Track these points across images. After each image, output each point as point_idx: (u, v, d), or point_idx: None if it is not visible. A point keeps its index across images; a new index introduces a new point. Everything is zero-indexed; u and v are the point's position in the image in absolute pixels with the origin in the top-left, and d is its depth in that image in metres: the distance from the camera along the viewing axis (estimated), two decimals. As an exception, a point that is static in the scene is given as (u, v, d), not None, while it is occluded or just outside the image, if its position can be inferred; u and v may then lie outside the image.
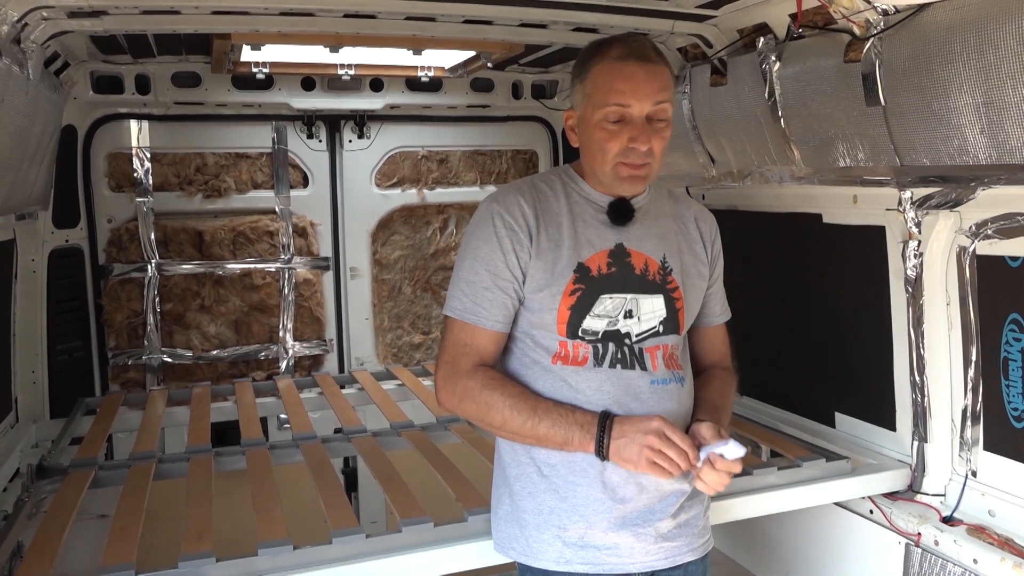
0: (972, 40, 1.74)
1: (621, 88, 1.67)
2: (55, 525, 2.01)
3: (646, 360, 1.75)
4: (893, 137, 2.08)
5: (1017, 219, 2.00)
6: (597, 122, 1.69)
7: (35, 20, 2.21)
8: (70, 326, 3.37)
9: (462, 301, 1.74)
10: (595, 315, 1.73)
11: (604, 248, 1.76)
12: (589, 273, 1.73)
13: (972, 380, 2.20)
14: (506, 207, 1.74)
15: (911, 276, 2.29)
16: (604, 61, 1.69)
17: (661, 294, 1.79)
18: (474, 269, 1.73)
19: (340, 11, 2.44)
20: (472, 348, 1.74)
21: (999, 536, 2.10)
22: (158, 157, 3.54)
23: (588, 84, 1.72)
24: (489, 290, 1.71)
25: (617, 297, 1.75)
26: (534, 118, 4.05)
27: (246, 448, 2.59)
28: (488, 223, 1.73)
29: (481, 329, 1.73)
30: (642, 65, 1.68)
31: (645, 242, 1.80)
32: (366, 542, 1.92)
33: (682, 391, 1.80)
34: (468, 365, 1.73)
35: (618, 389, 1.72)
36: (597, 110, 1.69)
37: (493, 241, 1.72)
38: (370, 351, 3.97)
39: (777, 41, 2.37)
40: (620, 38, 1.74)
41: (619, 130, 1.68)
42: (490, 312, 1.72)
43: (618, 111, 1.67)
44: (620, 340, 1.74)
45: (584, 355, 1.73)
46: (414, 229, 4.06)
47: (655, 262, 1.80)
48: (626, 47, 1.69)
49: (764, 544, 2.83)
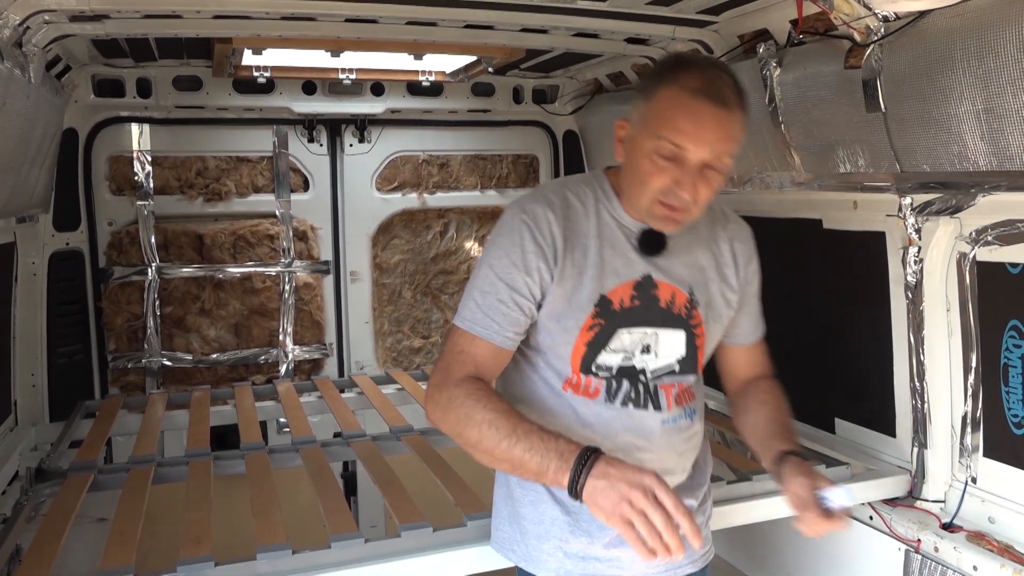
0: (972, 47, 1.73)
1: (683, 127, 1.49)
2: (54, 528, 2.01)
3: (660, 399, 1.68)
4: (893, 143, 2.08)
5: (1017, 226, 2.00)
6: (647, 151, 1.53)
7: (37, 24, 2.21)
8: (70, 329, 3.37)
9: (472, 312, 1.61)
10: (611, 350, 1.64)
11: (630, 279, 1.64)
12: (610, 307, 1.63)
13: (972, 386, 2.20)
14: (535, 221, 1.60)
15: (911, 282, 2.29)
16: (674, 88, 1.51)
17: (683, 329, 1.69)
18: (491, 280, 1.61)
19: (341, 15, 2.44)
20: (470, 357, 1.60)
21: (999, 543, 2.10)
22: (159, 160, 3.55)
23: (650, 106, 1.54)
24: (504, 304, 1.59)
25: (636, 331, 1.65)
26: (535, 123, 4.05)
27: (245, 452, 2.59)
28: (515, 235, 1.60)
29: (485, 342, 1.60)
30: (715, 107, 1.49)
31: (674, 272, 1.68)
32: (365, 547, 1.91)
33: (692, 425, 1.76)
34: (461, 374, 1.59)
35: (628, 428, 1.66)
36: (650, 139, 1.52)
37: (517, 255, 1.59)
38: (370, 355, 3.97)
39: (778, 47, 2.37)
40: (702, 64, 1.56)
41: (667, 168, 1.52)
42: (500, 326, 1.59)
43: (672, 149, 1.51)
44: (635, 377, 1.66)
45: (596, 388, 1.65)
46: (414, 233, 4.06)
47: (683, 295, 1.69)
48: (703, 80, 1.50)
49: (764, 550, 2.83)
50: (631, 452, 1.66)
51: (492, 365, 1.63)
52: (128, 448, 2.80)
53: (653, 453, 1.68)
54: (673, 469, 1.74)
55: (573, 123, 4.06)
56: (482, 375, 1.61)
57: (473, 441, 1.54)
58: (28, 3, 2.08)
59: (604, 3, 2.34)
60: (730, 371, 1.92)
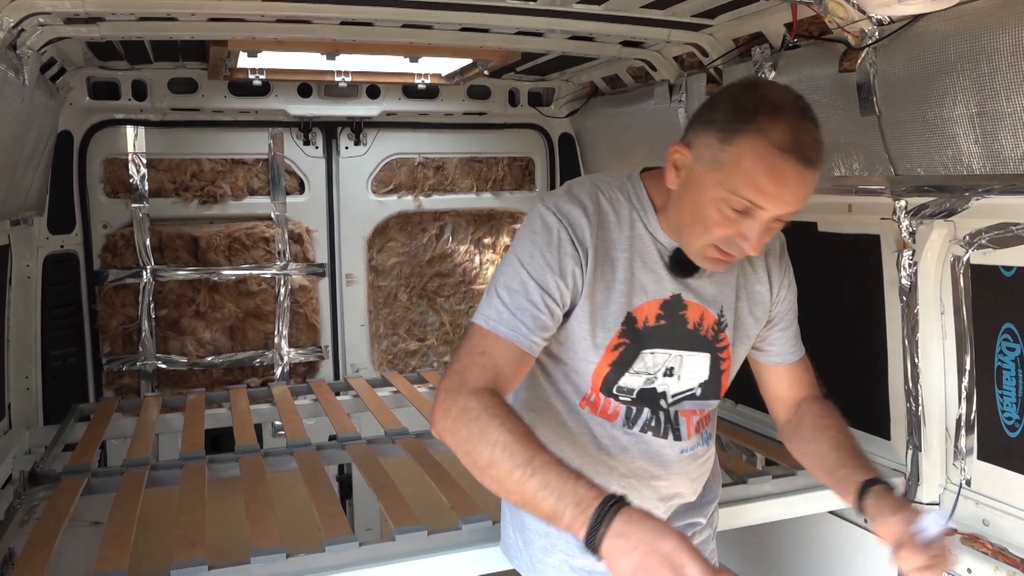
0: (966, 50, 1.74)
1: (766, 189, 1.34)
2: (47, 532, 2.00)
3: (681, 427, 1.61)
4: (888, 146, 2.08)
5: (1011, 229, 2.00)
6: (715, 199, 1.39)
7: (31, 26, 2.20)
8: (64, 332, 3.36)
9: (498, 310, 1.45)
10: (634, 372, 1.55)
11: (659, 297, 1.54)
12: (635, 325, 1.52)
13: (966, 389, 2.20)
14: (571, 221, 1.47)
15: (906, 285, 2.29)
16: (761, 141, 1.33)
17: (708, 353, 1.60)
18: (521, 278, 1.45)
19: (337, 18, 2.44)
20: (491, 361, 1.42)
21: (993, 546, 2.10)
22: (154, 163, 3.54)
23: (727, 152, 1.36)
24: (535, 305, 1.44)
25: (661, 353, 1.56)
26: (531, 125, 4.06)
27: (240, 455, 2.58)
28: (550, 234, 1.46)
29: (510, 344, 1.43)
30: (802, 169, 1.35)
31: (705, 292, 1.58)
32: (359, 550, 1.91)
33: (708, 450, 1.73)
34: (480, 381, 1.40)
35: (644, 454, 1.60)
36: (724, 190, 1.37)
37: (552, 255, 1.45)
38: (365, 358, 3.97)
39: (772, 50, 2.38)
40: (791, 111, 1.36)
41: (737, 220, 1.39)
42: (529, 329, 1.43)
43: (747, 206, 1.37)
44: (655, 402, 1.59)
45: (615, 410, 1.57)
46: (410, 236, 4.07)
47: (711, 315, 1.59)
48: (794, 135, 1.33)
49: (759, 553, 2.83)
50: (646, 479, 1.63)
51: (513, 372, 1.45)
52: (122, 451, 2.79)
53: (668, 480, 1.65)
54: (684, 493, 1.71)
55: (569, 126, 4.06)
56: (501, 385, 1.43)
57: (483, 463, 1.34)
58: (22, 5, 2.08)
59: (599, 6, 2.35)
60: (775, 394, 1.79)
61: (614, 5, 2.33)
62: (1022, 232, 1.97)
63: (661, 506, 1.69)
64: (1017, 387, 2.06)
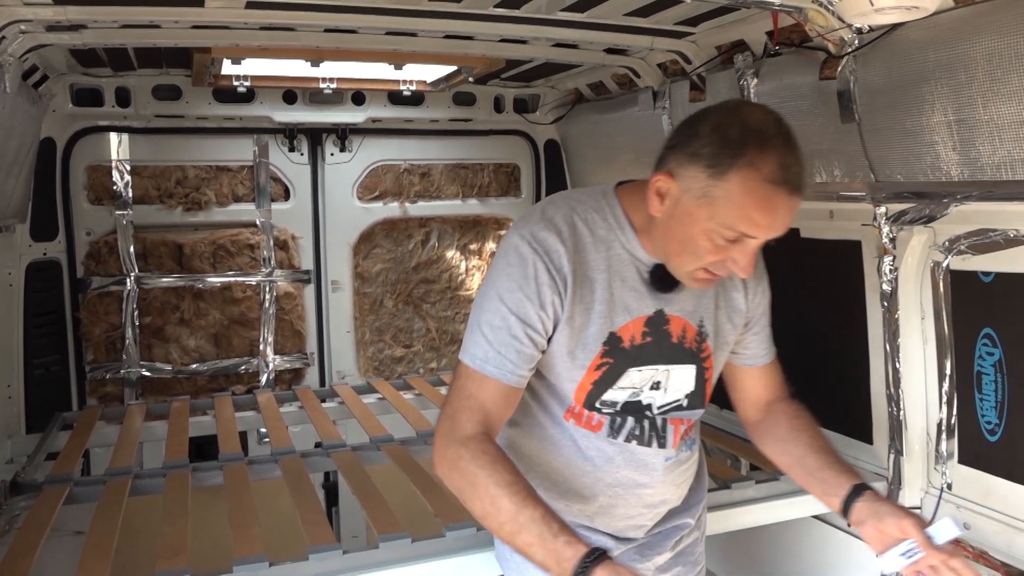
0: (944, 59, 1.76)
1: (759, 220, 1.38)
2: (28, 542, 1.99)
3: (667, 436, 1.64)
4: (868, 153, 2.10)
5: (989, 235, 2.02)
6: (707, 229, 1.41)
7: (13, 33, 2.20)
8: (47, 340, 3.34)
9: (483, 348, 1.49)
10: (619, 387, 1.57)
11: (642, 315, 1.56)
12: (620, 344, 1.55)
13: (947, 394, 2.22)
14: (546, 250, 1.49)
15: (886, 291, 2.31)
16: (751, 175, 1.35)
17: (693, 364, 1.63)
18: (502, 314, 1.48)
19: (321, 26, 2.44)
20: (477, 403, 1.48)
21: (974, 549, 2.11)
22: (138, 170, 3.52)
23: (718, 187, 1.38)
24: (518, 340, 1.48)
25: (647, 370, 1.58)
26: (516, 132, 4.07)
27: (224, 463, 2.57)
28: (527, 266, 1.48)
29: (496, 383, 1.48)
30: (790, 197, 1.38)
31: (686, 305, 1.60)
32: (343, 558, 1.91)
33: (692, 455, 1.75)
34: (469, 426, 1.47)
35: (630, 465, 1.62)
36: (715, 222, 1.40)
37: (531, 287, 1.48)
38: (351, 365, 3.96)
39: (754, 58, 2.40)
40: (777, 142, 1.38)
41: (727, 247, 1.42)
42: (515, 364, 1.48)
43: (739, 236, 1.41)
44: (640, 413, 1.61)
45: (599, 422, 1.59)
46: (396, 242, 4.06)
47: (693, 328, 1.62)
48: (783, 166, 1.36)
49: (743, 557, 2.84)
50: (632, 488, 1.64)
51: (502, 408, 1.51)
52: (106, 460, 2.77)
53: (653, 489, 1.67)
54: (670, 500, 1.73)
55: (554, 132, 4.08)
56: (490, 423, 1.49)
57: (478, 514, 1.45)
58: (4, 13, 2.07)
59: (582, 14, 2.36)
60: (747, 395, 1.81)
61: (597, 13, 2.35)
62: (1000, 238, 1.99)
63: (648, 513, 1.70)
64: (996, 391, 2.08)
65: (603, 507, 1.65)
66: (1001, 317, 2.05)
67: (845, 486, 1.58)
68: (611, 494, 1.63)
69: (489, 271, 1.56)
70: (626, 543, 1.70)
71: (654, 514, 1.71)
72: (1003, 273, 2.04)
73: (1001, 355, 2.06)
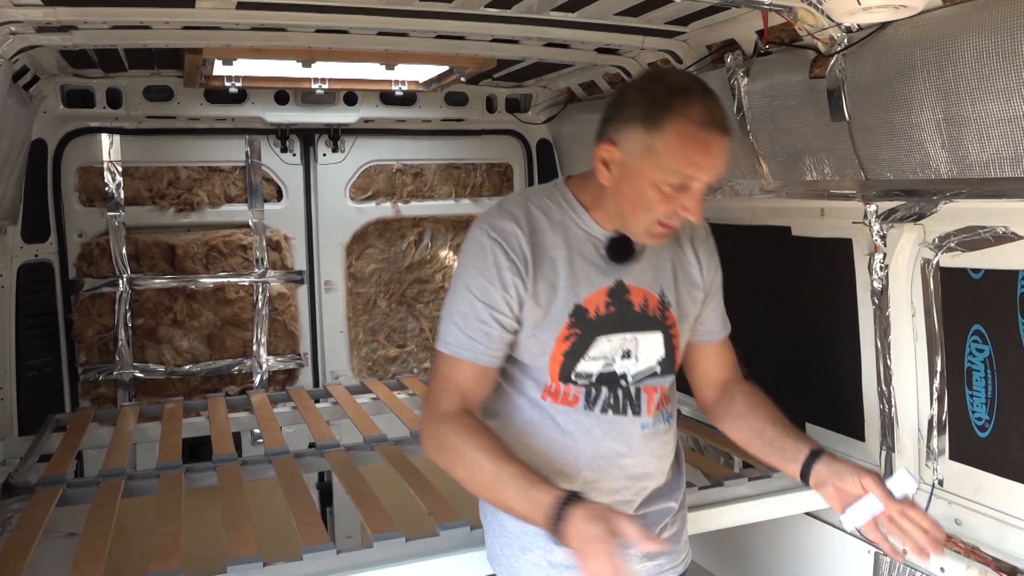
0: (932, 57, 1.77)
1: (698, 161, 1.52)
2: (21, 544, 1.98)
3: (642, 404, 1.70)
4: (858, 152, 2.11)
5: (978, 232, 2.04)
6: (655, 182, 1.54)
7: (3, 35, 2.19)
8: (39, 341, 3.33)
9: (454, 335, 1.61)
10: (590, 358, 1.65)
11: (603, 286, 1.66)
12: (586, 316, 1.64)
13: (937, 390, 2.23)
14: (503, 236, 1.61)
15: (877, 288, 2.33)
16: (684, 122, 1.50)
17: (660, 331, 1.72)
18: (468, 300, 1.61)
19: (312, 26, 2.44)
20: (454, 385, 1.61)
21: (965, 544, 2.13)
22: (130, 171, 3.52)
23: (657, 139, 1.51)
24: (485, 323, 1.59)
25: (615, 337, 1.67)
26: (509, 132, 4.07)
27: (217, 464, 2.57)
28: (486, 254, 1.60)
29: (469, 364, 1.61)
30: (721, 136, 1.53)
31: (644, 276, 1.71)
32: (337, 558, 1.91)
33: (670, 429, 1.78)
34: (448, 406, 1.60)
35: (608, 435, 1.67)
36: (661, 172, 1.52)
37: (492, 272, 1.59)
38: (345, 365, 3.96)
39: (745, 57, 2.41)
40: (700, 93, 1.54)
41: (675, 196, 1.54)
42: (485, 346, 1.60)
43: (684, 181, 1.53)
44: (615, 383, 1.68)
45: (575, 395, 1.66)
46: (389, 242, 4.06)
47: (654, 297, 1.71)
48: (708, 111, 1.51)
49: (736, 554, 2.85)
50: (612, 459, 1.68)
51: (478, 388, 1.64)
52: (99, 461, 2.76)
53: (635, 458, 1.71)
54: (653, 473, 1.76)
55: (546, 132, 4.08)
56: (468, 401, 1.62)
57: (462, 479, 1.57)
58: (-7, 14, 2.07)
59: (574, 14, 2.37)
60: (703, 374, 1.90)
61: (588, 12, 2.35)
62: (989, 235, 2.01)
63: (632, 486, 1.73)
64: (987, 388, 2.10)
65: (587, 482, 1.68)
66: (991, 314, 2.07)
67: (804, 451, 1.68)
68: (593, 467, 1.68)
69: (456, 267, 1.69)
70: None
71: (638, 487, 1.74)
72: (992, 270, 2.05)
73: (991, 351, 2.07)
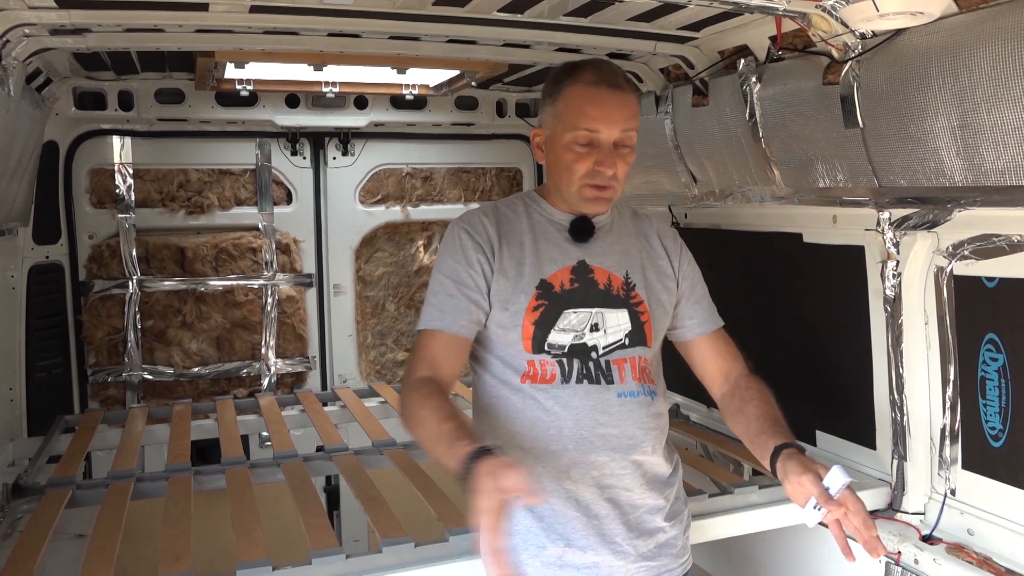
0: (947, 64, 1.76)
1: (592, 113, 1.71)
2: (31, 545, 1.99)
3: (613, 373, 1.77)
4: (871, 158, 2.10)
5: (993, 240, 2.02)
6: (566, 144, 1.74)
7: (17, 37, 2.20)
8: (49, 343, 3.34)
9: (428, 312, 1.77)
10: (560, 329, 1.75)
11: (567, 265, 1.80)
12: (552, 289, 1.77)
13: (950, 399, 2.22)
14: (470, 224, 1.80)
15: (890, 296, 2.31)
16: (576, 85, 1.73)
17: (625, 308, 1.81)
18: (439, 281, 1.77)
19: (324, 30, 2.44)
20: (427, 353, 1.73)
21: (978, 555, 2.11)
22: (140, 173, 3.53)
23: (559, 105, 1.75)
24: (453, 297, 1.74)
25: (582, 312, 1.78)
26: (518, 136, 4.07)
27: (226, 467, 2.57)
28: (454, 241, 1.79)
29: (440, 333, 1.73)
30: (613, 92, 1.72)
31: (608, 259, 1.84)
32: (346, 562, 1.90)
33: (652, 404, 1.81)
34: (418, 371, 1.71)
35: (586, 404, 1.74)
36: (567, 132, 1.73)
37: (459, 254, 1.77)
38: (353, 368, 3.96)
39: (757, 63, 2.40)
40: (592, 63, 1.78)
41: (587, 153, 1.73)
42: (453, 316, 1.73)
43: (587, 135, 1.72)
44: (586, 354, 1.76)
45: (552, 372, 1.74)
46: (398, 246, 4.07)
47: (618, 278, 1.83)
48: (598, 73, 1.73)
49: (746, 563, 2.83)
50: (594, 428, 1.74)
51: (450, 356, 1.74)
52: (107, 463, 2.77)
53: (615, 427, 1.75)
54: (640, 442, 1.77)
55: (556, 137, 4.07)
56: (439, 369, 1.72)
57: (413, 435, 1.66)
58: (8, 17, 2.07)
59: (586, 19, 2.36)
60: (704, 370, 1.96)
61: (601, 18, 2.35)
62: (1004, 243, 1.99)
63: (619, 459, 1.75)
64: (1000, 397, 2.08)
65: (575, 460, 1.72)
66: (1005, 323, 2.05)
67: (771, 447, 1.69)
68: (577, 438, 1.73)
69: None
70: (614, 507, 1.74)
71: (627, 461, 1.76)
72: (1007, 279, 2.04)
73: (1005, 361, 2.06)
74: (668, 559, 1.81)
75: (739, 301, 2.96)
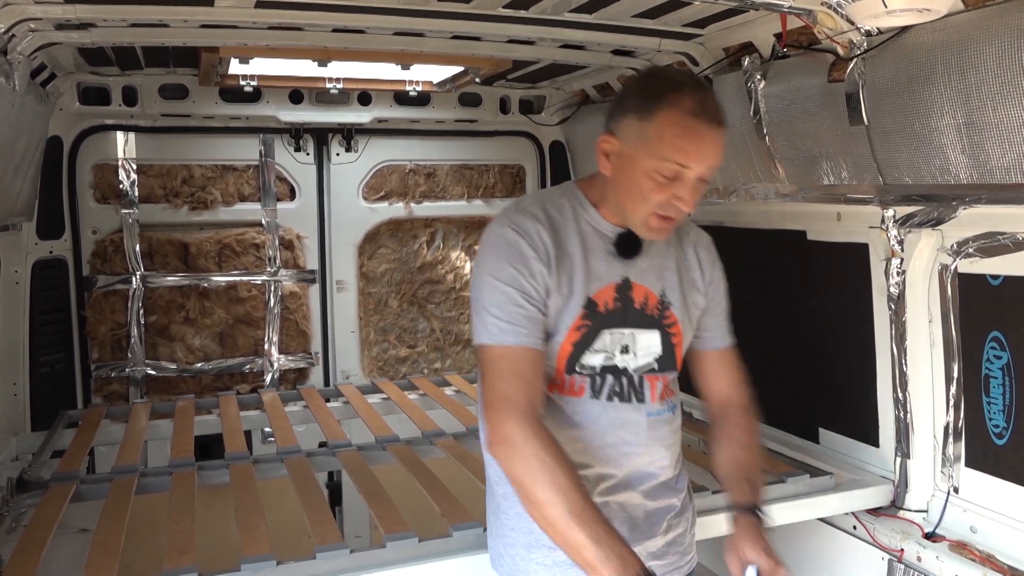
0: (953, 62, 1.76)
1: (688, 149, 1.57)
2: (35, 540, 1.99)
3: (645, 392, 1.73)
4: (876, 156, 2.10)
5: (998, 238, 2.02)
6: (648, 170, 1.59)
7: (22, 32, 2.20)
8: (53, 338, 3.34)
9: (495, 324, 1.61)
10: (594, 350, 1.70)
11: (612, 282, 1.71)
12: (596, 308, 1.69)
13: (954, 397, 2.22)
14: (525, 231, 1.65)
15: (894, 293, 2.31)
16: (675, 112, 1.56)
17: (657, 330, 1.75)
18: (500, 290, 1.62)
19: (329, 26, 2.44)
20: (513, 371, 1.59)
21: (980, 552, 2.11)
22: (144, 169, 3.53)
23: (649, 128, 1.58)
24: (522, 308, 1.61)
25: (616, 332, 1.71)
26: (522, 133, 4.06)
27: (230, 462, 2.58)
28: (511, 247, 1.64)
29: (521, 348, 1.60)
30: (712, 128, 1.58)
31: (648, 275, 1.75)
32: (350, 557, 1.91)
33: (674, 419, 1.81)
34: (513, 393, 1.57)
35: (615, 423, 1.71)
36: (653, 160, 1.58)
37: (519, 263, 1.62)
38: (356, 364, 3.96)
39: (762, 60, 2.40)
40: (693, 87, 1.61)
41: (669, 185, 1.59)
42: (528, 330, 1.61)
43: (676, 169, 1.58)
44: (618, 373, 1.72)
45: (581, 386, 1.70)
46: (401, 243, 4.07)
47: (655, 296, 1.76)
48: (700, 103, 1.57)
49: (748, 560, 2.83)
50: (621, 448, 1.71)
51: (534, 373, 1.62)
52: (111, 458, 2.77)
53: (642, 448, 1.73)
54: (662, 463, 1.78)
55: (559, 133, 4.08)
56: (532, 390, 1.59)
57: (537, 501, 1.51)
58: (13, 11, 2.07)
59: (591, 15, 2.36)
60: (705, 384, 1.91)
61: (605, 14, 2.35)
62: (1009, 241, 2.00)
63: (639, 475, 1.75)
64: (1004, 395, 2.08)
65: (596, 473, 1.71)
66: (1009, 321, 2.05)
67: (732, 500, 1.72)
68: (603, 457, 1.71)
69: (477, 263, 1.71)
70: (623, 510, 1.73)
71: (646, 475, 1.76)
72: (1012, 276, 2.04)
73: (1009, 359, 2.06)
74: (676, 556, 1.82)
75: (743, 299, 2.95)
